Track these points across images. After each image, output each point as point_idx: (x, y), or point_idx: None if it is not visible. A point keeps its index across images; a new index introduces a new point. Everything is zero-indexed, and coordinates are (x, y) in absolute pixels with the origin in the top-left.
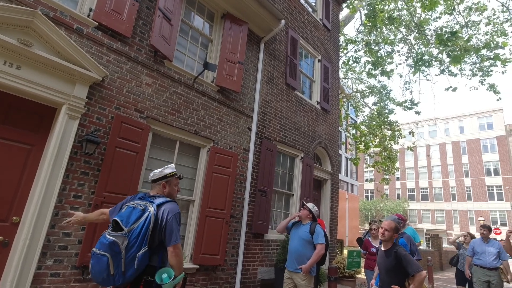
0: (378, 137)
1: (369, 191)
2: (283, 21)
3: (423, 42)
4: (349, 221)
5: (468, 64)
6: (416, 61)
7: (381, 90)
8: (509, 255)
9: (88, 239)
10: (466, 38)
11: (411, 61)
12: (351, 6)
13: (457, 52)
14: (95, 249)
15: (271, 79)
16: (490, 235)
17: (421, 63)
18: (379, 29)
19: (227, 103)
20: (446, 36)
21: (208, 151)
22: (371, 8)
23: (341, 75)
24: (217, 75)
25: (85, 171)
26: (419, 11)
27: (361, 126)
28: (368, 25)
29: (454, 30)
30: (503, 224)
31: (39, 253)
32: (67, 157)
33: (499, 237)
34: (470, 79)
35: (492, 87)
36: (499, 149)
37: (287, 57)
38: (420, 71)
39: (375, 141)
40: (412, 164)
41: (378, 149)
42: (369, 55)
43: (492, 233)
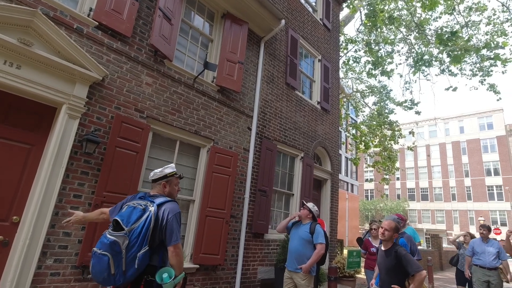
0: (378, 137)
1: (369, 191)
2: (283, 21)
3: (423, 42)
4: (349, 221)
5: (468, 64)
6: (416, 61)
7: (381, 90)
8: (509, 255)
9: (88, 238)
10: (466, 38)
11: (411, 61)
12: (351, 6)
13: (457, 52)
14: (96, 249)
15: (271, 79)
16: (490, 235)
17: (421, 63)
18: (379, 29)
19: (227, 103)
20: (446, 36)
21: (208, 150)
22: (371, 8)
23: (341, 75)
24: (217, 75)
25: (85, 171)
26: (419, 11)
27: (361, 126)
28: (368, 25)
29: (454, 30)
30: (503, 224)
31: (39, 252)
32: (67, 156)
33: (499, 237)
34: (470, 79)
35: (492, 87)
36: (499, 149)
37: (287, 56)
38: (420, 71)
39: (375, 141)
40: (412, 164)
41: (378, 149)
42: (369, 55)
43: (492, 233)
